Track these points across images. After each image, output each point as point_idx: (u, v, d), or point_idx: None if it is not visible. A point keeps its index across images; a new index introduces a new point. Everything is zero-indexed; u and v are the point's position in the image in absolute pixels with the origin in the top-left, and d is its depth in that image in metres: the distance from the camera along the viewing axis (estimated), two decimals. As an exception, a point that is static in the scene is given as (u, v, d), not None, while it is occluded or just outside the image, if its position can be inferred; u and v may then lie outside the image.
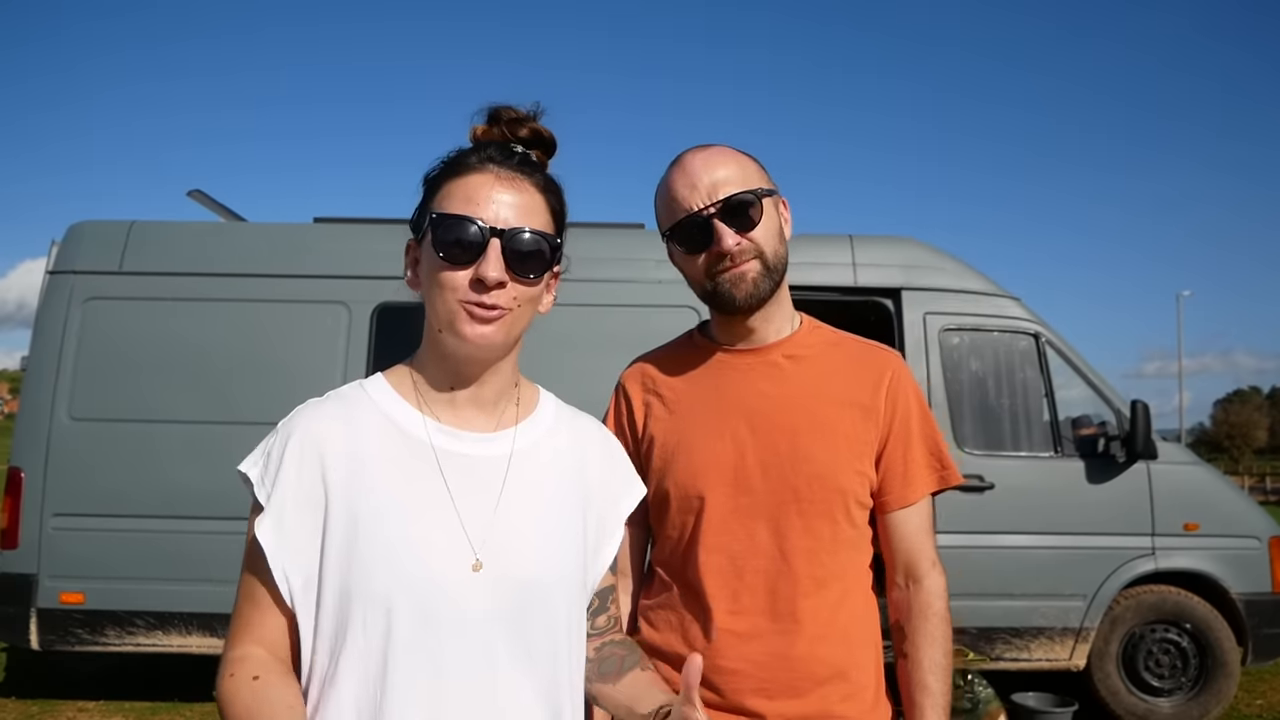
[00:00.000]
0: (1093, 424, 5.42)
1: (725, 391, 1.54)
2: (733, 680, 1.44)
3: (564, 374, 3.95)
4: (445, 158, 1.19)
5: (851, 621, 1.49)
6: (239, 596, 1.12)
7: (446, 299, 1.12)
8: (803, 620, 1.45)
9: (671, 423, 1.54)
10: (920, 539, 1.53)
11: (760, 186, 1.49)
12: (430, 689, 1.05)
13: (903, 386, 1.54)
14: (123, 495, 5.02)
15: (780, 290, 1.54)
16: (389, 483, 1.11)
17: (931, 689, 1.47)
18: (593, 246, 5.36)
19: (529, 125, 1.21)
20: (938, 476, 1.55)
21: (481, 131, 1.21)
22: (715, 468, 1.49)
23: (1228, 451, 68.90)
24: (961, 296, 5.45)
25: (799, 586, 1.45)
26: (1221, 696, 5.27)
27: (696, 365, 1.58)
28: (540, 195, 1.17)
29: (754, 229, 1.47)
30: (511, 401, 1.23)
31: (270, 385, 5.03)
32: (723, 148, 1.52)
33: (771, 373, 1.53)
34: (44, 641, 5.00)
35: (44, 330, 5.20)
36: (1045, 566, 5.13)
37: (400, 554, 1.07)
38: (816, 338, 1.58)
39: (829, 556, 1.47)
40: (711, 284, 1.50)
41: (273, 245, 5.44)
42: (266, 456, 1.12)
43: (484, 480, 1.15)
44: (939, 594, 1.52)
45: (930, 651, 1.49)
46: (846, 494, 1.48)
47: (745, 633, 1.45)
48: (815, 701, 1.44)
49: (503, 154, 1.17)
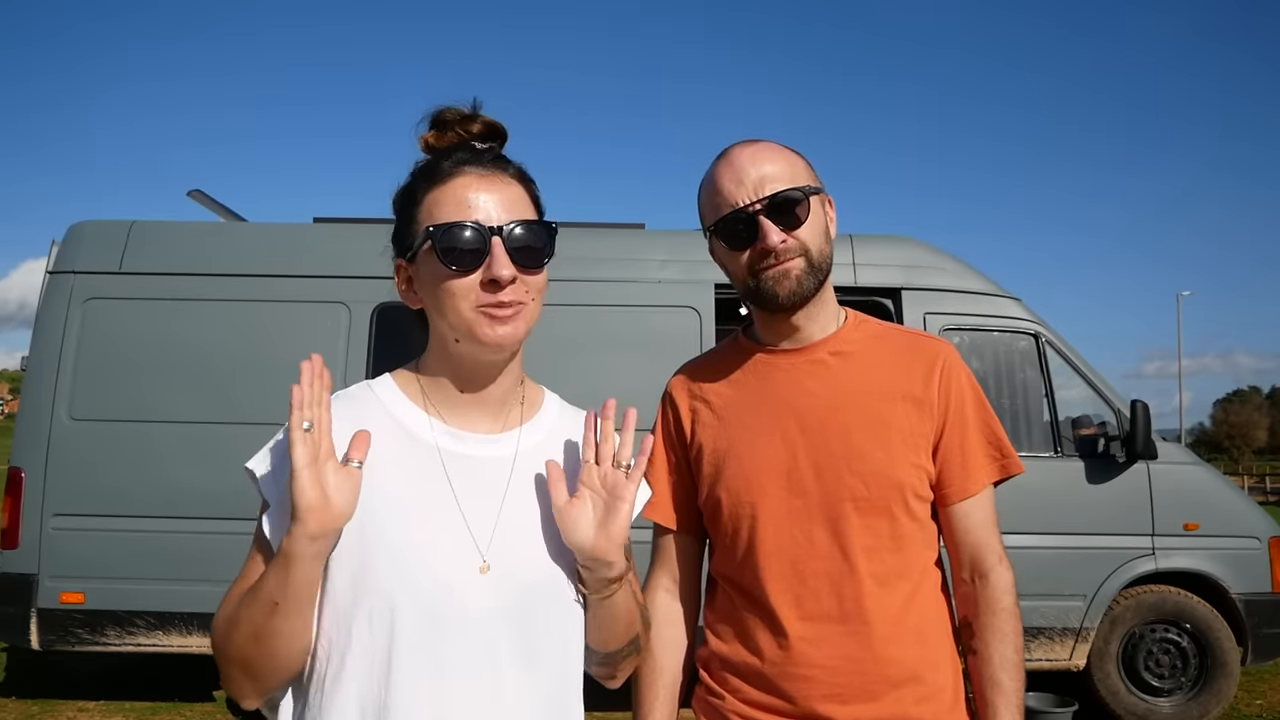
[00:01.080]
0: (1093, 424, 5.42)
1: (773, 393, 1.50)
2: (804, 686, 1.40)
3: (565, 374, 3.96)
4: (416, 171, 1.18)
5: (923, 620, 1.44)
6: (235, 586, 1.11)
7: (460, 308, 1.11)
8: (871, 620, 1.40)
9: (720, 429, 1.52)
10: (985, 532, 1.49)
11: (808, 184, 1.46)
12: (435, 689, 1.05)
13: (956, 375, 1.50)
14: (123, 495, 5.02)
15: (825, 288, 1.51)
16: (395, 484, 1.11)
17: (1004, 685, 1.42)
18: (593, 247, 5.36)
19: (480, 120, 1.20)
20: (998, 465, 1.51)
21: (434, 138, 1.19)
22: (767, 472, 1.46)
23: (1228, 451, 68.95)
24: (962, 296, 5.45)
25: (863, 586, 1.41)
26: (1221, 696, 5.28)
27: (742, 368, 1.55)
28: (520, 186, 1.18)
29: (800, 227, 1.44)
30: (517, 402, 1.23)
31: (270, 385, 5.03)
32: (770, 143, 1.50)
33: (818, 371, 1.50)
34: (44, 641, 5.00)
35: (44, 330, 5.20)
36: (1045, 566, 5.12)
37: (406, 555, 1.07)
38: (862, 332, 1.55)
39: (891, 554, 1.43)
40: (754, 281, 1.46)
41: (273, 245, 5.44)
42: (273, 454, 1.12)
43: (489, 482, 1.16)
44: (1007, 589, 1.47)
45: (1000, 647, 1.44)
46: (904, 488, 1.43)
47: (813, 637, 1.41)
48: (890, 704, 1.39)
49: (472, 154, 1.17)
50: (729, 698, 1.47)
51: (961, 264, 5.60)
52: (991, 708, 1.42)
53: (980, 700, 1.45)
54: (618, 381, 4.32)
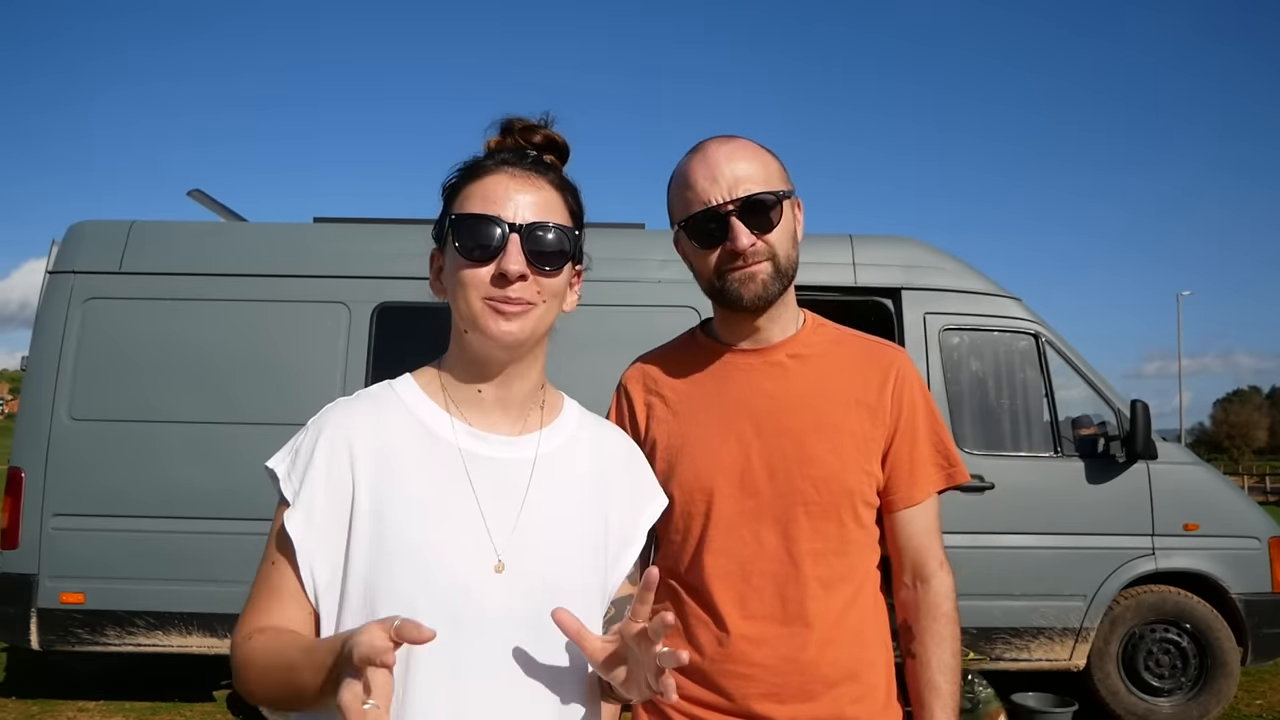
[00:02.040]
0: (1093, 424, 5.42)
1: (729, 392, 1.51)
2: (743, 685, 1.42)
3: (565, 375, 3.94)
4: (461, 165, 1.20)
5: (862, 622, 1.47)
6: (256, 587, 1.11)
7: (470, 297, 1.13)
8: (812, 623, 1.42)
9: (675, 425, 1.52)
10: (927, 538, 1.51)
11: (781, 188, 1.46)
12: (451, 689, 1.06)
13: (909, 384, 1.52)
14: (123, 495, 5.02)
15: (787, 291, 1.52)
16: (416, 483, 1.11)
17: (941, 689, 1.45)
18: (593, 246, 5.29)
19: (542, 132, 1.23)
20: (945, 474, 1.53)
21: (495, 143, 1.23)
22: (721, 471, 1.47)
23: (1228, 451, 68.92)
24: (962, 296, 5.45)
25: (808, 589, 1.43)
26: (1221, 696, 5.27)
27: (699, 365, 1.55)
28: (556, 193, 1.19)
29: (771, 231, 1.44)
30: (537, 405, 1.24)
31: (270, 385, 5.04)
32: (746, 141, 1.49)
33: (775, 372, 1.51)
34: (44, 641, 4.99)
35: (44, 330, 5.20)
36: (1045, 566, 5.13)
37: (425, 555, 1.08)
38: (820, 336, 1.56)
39: (837, 558, 1.45)
40: (720, 281, 1.47)
41: (273, 245, 5.44)
42: (295, 453, 1.13)
43: (509, 484, 1.16)
44: (947, 594, 1.50)
45: (939, 651, 1.47)
46: (854, 495, 1.46)
47: (755, 637, 1.43)
48: (827, 704, 1.42)
49: (517, 156, 1.19)
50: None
51: (961, 264, 5.59)
52: (928, 710, 1.45)
53: (916, 703, 1.48)
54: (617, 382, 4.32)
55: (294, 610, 1.09)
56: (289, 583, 1.09)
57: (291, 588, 1.09)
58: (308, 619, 1.09)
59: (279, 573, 1.09)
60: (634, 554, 1.28)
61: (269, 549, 1.12)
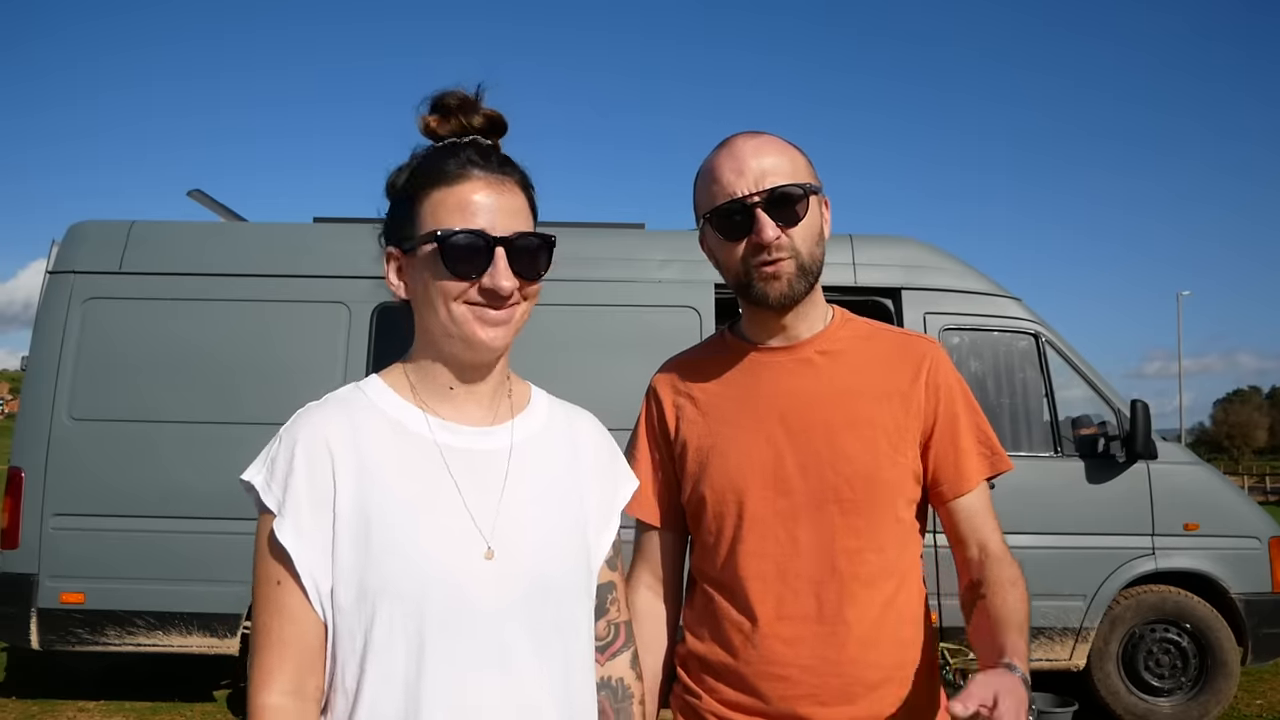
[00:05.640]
0: (1093, 424, 5.42)
1: (758, 391, 1.50)
2: (780, 687, 1.39)
3: (565, 374, 3.96)
4: (420, 164, 1.17)
5: (901, 621, 1.44)
6: (261, 617, 1.10)
7: (454, 307, 1.13)
8: (851, 623, 1.40)
9: (705, 425, 1.51)
10: (982, 521, 1.48)
11: (808, 182, 1.45)
12: (451, 680, 1.07)
13: (943, 374, 1.50)
14: (123, 495, 5.02)
15: (814, 288, 1.50)
16: (397, 481, 1.12)
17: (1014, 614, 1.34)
18: (593, 246, 5.35)
19: (481, 113, 1.19)
20: (989, 463, 1.51)
21: (436, 123, 1.19)
22: (752, 470, 1.45)
23: (1228, 451, 68.96)
24: (962, 296, 5.45)
25: (845, 588, 1.41)
26: (1221, 696, 5.28)
27: (728, 365, 1.54)
28: (523, 195, 1.18)
29: (796, 224, 1.42)
30: (504, 394, 1.24)
31: (270, 385, 5.03)
32: (774, 137, 1.48)
33: (805, 370, 1.49)
34: (44, 641, 5.00)
35: (44, 330, 5.20)
36: (1045, 566, 5.11)
37: (417, 550, 1.08)
38: (849, 331, 1.54)
39: (874, 555, 1.43)
40: (746, 277, 1.45)
41: (273, 245, 5.44)
42: (271, 463, 1.11)
43: (488, 473, 1.17)
44: (1013, 561, 1.43)
45: (1006, 595, 1.37)
46: (889, 489, 1.44)
47: (790, 637, 1.40)
48: (867, 707, 1.39)
49: (481, 156, 1.16)
50: (706, 697, 1.47)
51: (961, 264, 5.60)
52: (1001, 625, 1.33)
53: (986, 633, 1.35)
54: (617, 382, 4.32)
55: (307, 628, 1.09)
56: (295, 599, 1.08)
57: (299, 605, 1.08)
58: (320, 633, 1.09)
59: (285, 591, 1.09)
60: (610, 537, 1.29)
61: (263, 564, 1.10)
